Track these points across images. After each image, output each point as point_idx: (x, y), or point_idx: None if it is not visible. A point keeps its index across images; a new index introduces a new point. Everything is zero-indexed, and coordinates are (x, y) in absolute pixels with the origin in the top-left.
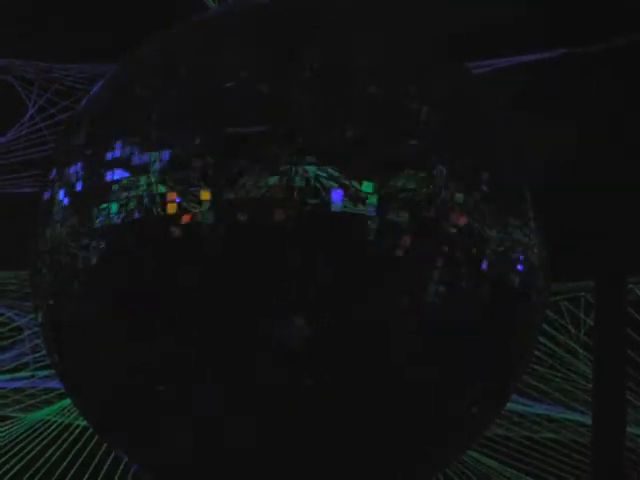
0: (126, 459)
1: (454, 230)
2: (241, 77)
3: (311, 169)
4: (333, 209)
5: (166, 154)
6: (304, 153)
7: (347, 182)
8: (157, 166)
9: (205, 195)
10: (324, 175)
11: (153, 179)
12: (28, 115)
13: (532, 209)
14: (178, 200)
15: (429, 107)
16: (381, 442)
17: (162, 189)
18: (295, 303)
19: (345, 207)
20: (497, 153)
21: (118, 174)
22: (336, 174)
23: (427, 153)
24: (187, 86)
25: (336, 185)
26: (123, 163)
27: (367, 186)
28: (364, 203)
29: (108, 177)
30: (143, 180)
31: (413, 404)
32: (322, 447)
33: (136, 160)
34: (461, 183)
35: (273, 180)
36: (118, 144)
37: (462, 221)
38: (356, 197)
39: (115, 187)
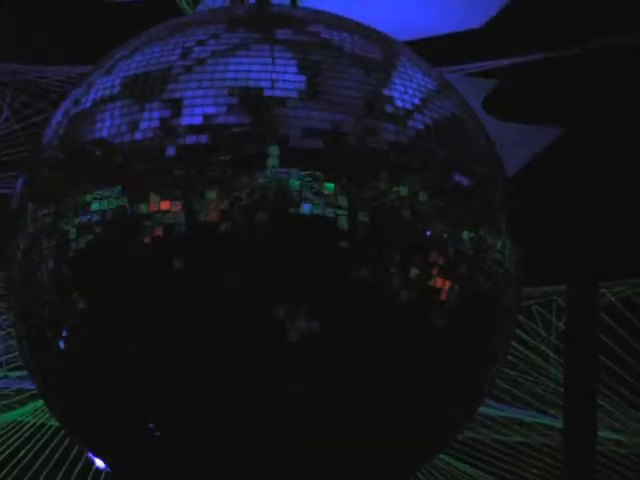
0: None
1: (426, 232)
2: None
3: (282, 173)
4: (303, 212)
5: (139, 163)
6: (276, 158)
7: (317, 184)
8: (131, 175)
9: (177, 200)
10: (295, 178)
11: (128, 186)
12: (2, 117)
13: (505, 212)
14: (151, 209)
15: (397, 110)
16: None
17: (136, 197)
18: (271, 307)
19: (315, 209)
20: (469, 155)
21: (93, 179)
22: (306, 176)
23: (398, 155)
24: (159, 93)
25: (307, 188)
26: (98, 169)
27: (334, 188)
28: (335, 205)
29: (83, 181)
30: (117, 188)
31: (391, 404)
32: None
33: (111, 167)
34: (432, 186)
35: (243, 183)
36: (92, 150)
37: (433, 224)
38: (327, 199)
39: (90, 191)
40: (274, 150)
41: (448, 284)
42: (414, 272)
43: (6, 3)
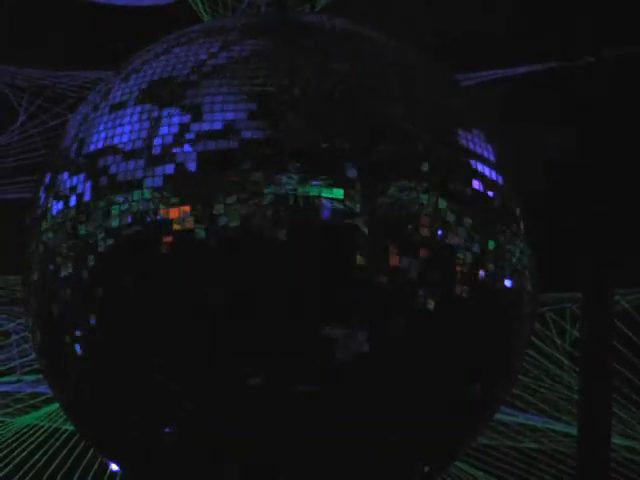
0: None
1: (445, 239)
2: (231, 90)
3: (301, 180)
4: (322, 218)
5: (159, 168)
6: (294, 163)
7: (336, 191)
8: (151, 179)
9: (197, 205)
10: (314, 186)
11: (147, 191)
12: (19, 122)
13: (522, 220)
14: (171, 213)
15: (414, 116)
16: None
17: (156, 202)
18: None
19: (334, 216)
20: (487, 163)
21: (113, 184)
22: (326, 183)
23: (414, 164)
24: (179, 99)
25: (326, 194)
26: (117, 173)
27: (354, 195)
28: (354, 212)
29: (103, 186)
30: (136, 192)
31: (411, 407)
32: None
33: (130, 172)
34: (452, 194)
35: (264, 191)
36: (111, 155)
37: (452, 231)
38: (346, 206)
39: (109, 195)
40: (293, 156)
41: (466, 290)
42: (433, 278)
43: (25, 9)
